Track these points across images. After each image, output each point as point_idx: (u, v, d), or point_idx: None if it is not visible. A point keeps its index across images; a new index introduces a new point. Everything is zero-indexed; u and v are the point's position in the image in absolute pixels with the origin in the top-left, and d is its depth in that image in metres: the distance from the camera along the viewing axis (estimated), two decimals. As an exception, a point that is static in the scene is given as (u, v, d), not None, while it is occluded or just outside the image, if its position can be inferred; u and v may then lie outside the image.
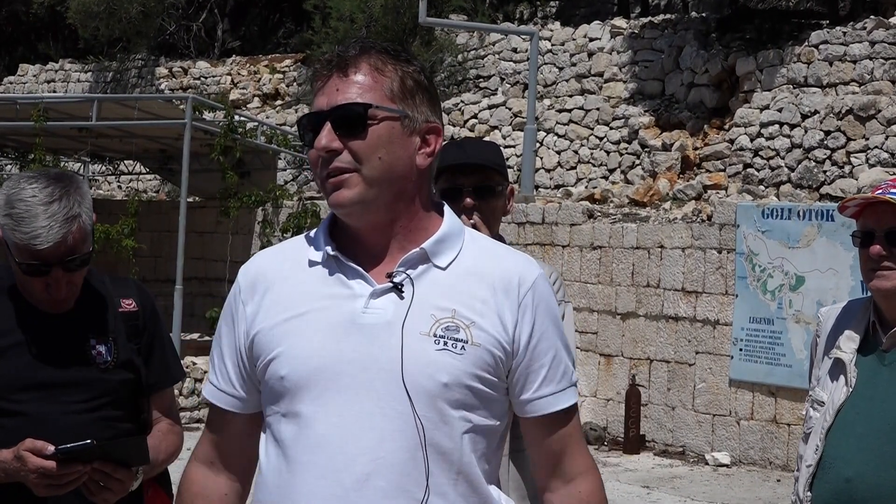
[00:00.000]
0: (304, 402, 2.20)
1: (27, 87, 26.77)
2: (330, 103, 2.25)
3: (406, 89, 2.27)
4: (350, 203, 2.23)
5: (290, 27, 29.12)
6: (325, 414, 2.18)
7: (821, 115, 14.71)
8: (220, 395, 2.38)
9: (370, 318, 2.21)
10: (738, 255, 11.77)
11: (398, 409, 2.16)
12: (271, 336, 2.26)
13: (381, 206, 2.25)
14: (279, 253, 2.39)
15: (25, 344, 3.11)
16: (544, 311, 2.30)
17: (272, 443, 2.27)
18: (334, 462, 2.16)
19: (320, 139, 2.23)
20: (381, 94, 2.24)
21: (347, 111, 2.23)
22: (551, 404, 2.29)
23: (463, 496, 2.20)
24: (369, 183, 2.22)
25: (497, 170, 3.56)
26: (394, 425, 2.16)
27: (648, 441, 12.41)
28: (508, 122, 19.01)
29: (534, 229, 13.58)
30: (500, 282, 2.27)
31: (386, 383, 2.17)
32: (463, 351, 2.19)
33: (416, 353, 2.18)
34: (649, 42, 18.38)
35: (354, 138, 2.22)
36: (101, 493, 3.00)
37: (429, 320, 2.20)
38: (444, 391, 2.17)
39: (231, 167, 16.42)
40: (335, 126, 2.23)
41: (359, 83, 2.25)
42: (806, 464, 3.29)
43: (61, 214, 3.00)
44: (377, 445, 2.15)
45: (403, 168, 2.25)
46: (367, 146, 2.22)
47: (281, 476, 2.21)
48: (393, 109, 2.24)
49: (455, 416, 2.19)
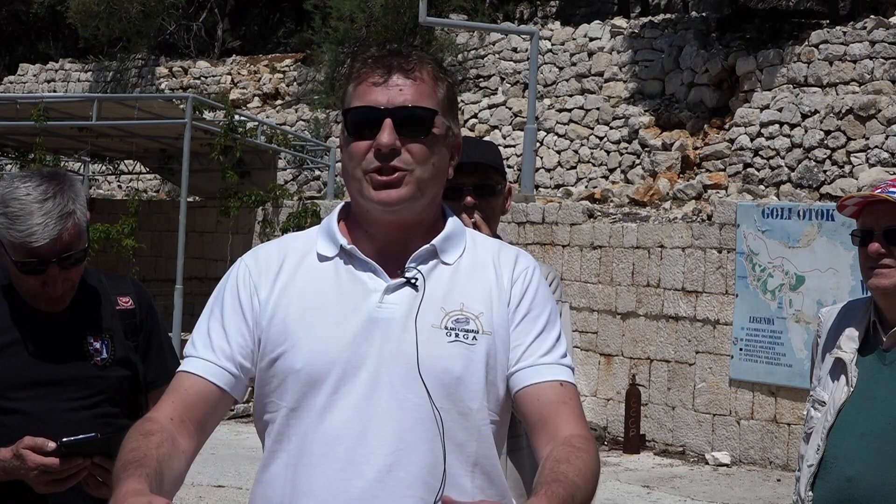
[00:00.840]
0: (320, 395, 2.20)
1: (27, 86, 26.78)
2: (392, 102, 2.24)
3: (450, 102, 2.33)
4: (400, 201, 2.25)
5: (290, 27, 29.14)
6: (342, 408, 2.19)
7: (821, 114, 14.71)
8: (211, 367, 2.26)
9: (385, 312, 2.23)
10: (739, 255, 11.76)
11: (415, 401, 2.17)
12: (284, 328, 2.25)
13: (421, 206, 2.29)
14: (288, 245, 2.38)
15: (22, 342, 3.12)
16: (534, 291, 2.33)
17: (281, 438, 2.25)
18: (354, 454, 2.16)
19: (382, 136, 2.22)
20: (438, 103, 2.28)
21: (415, 114, 2.24)
22: (537, 374, 2.26)
23: (480, 489, 2.21)
24: (420, 186, 2.25)
25: (496, 169, 3.58)
26: (412, 417, 2.17)
27: (648, 441, 12.41)
28: (509, 122, 19.02)
29: (534, 229, 13.57)
30: (500, 261, 2.35)
31: (402, 376, 2.18)
32: (475, 341, 2.23)
33: (430, 346, 2.20)
34: (649, 42, 18.39)
35: (416, 141, 2.24)
36: (100, 487, 3.00)
37: (439, 313, 2.23)
38: (458, 383, 2.20)
39: (231, 167, 16.44)
40: (397, 125, 2.24)
41: (424, 88, 2.27)
42: (807, 463, 3.29)
43: (56, 211, 3.01)
44: (397, 437, 2.16)
45: (444, 176, 2.33)
46: (427, 151, 2.25)
47: (295, 471, 2.20)
48: (447, 121, 2.30)
49: (471, 408, 2.21)
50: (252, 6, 29.50)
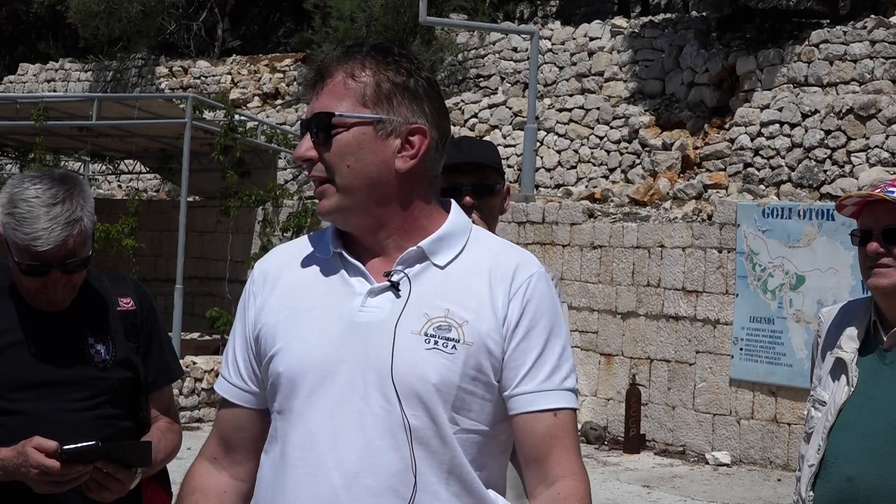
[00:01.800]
0: (298, 398, 2.20)
1: (27, 86, 26.78)
2: (309, 111, 2.26)
3: (381, 93, 2.23)
4: (328, 212, 2.25)
5: (290, 26, 29.13)
6: (317, 411, 2.18)
7: (821, 114, 14.71)
8: (232, 388, 2.37)
9: (366, 316, 2.20)
10: (739, 255, 11.76)
11: (386, 407, 2.15)
12: (274, 332, 2.26)
13: (361, 211, 2.24)
14: (291, 249, 2.39)
15: (24, 343, 3.10)
16: (536, 307, 2.25)
17: (271, 440, 2.28)
18: (324, 460, 2.15)
19: (299, 147, 2.26)
20: (352, 101, 2.23)
21: (317, 120, 2.23)
22: (530, 403, 2.22)
23: (456, 496, 2.17)
24: (343, 192, 2.23)
25: (495, 168, 3.59)
26: (382, 424, 2.14)
27: (649, 440, 12.41)
28: (509, 122, 19.01)
29: (534, 229, 13.57)
30: (497, 272, 2.25)
31: (375, 382, 2.16)
32: (454, 350, 2.17)
33: (406, 353, 2.16)
34: (650, 41, 18.39)
35: (324, 147, 2.23)
36: (100, 491, 2.99)
37: (421, 319, 2.19)
38: (433, 391, 2.15)
39: (231, 166, 16.42)
40: (313, 135, 2.24)
41: (331, 91, 2.24)
42: (808, 463, 3.28)
43: (63, 217, 2.98)
44: (365, 444, 2.14)
45: (378, 173, 2.23)
46: (334, 155, 2.22)
47: (275, 473, 2.22)
48: (362, 116, 2.22)
49: (444, 417, 2.16)
50: (252, 6, 29.48)
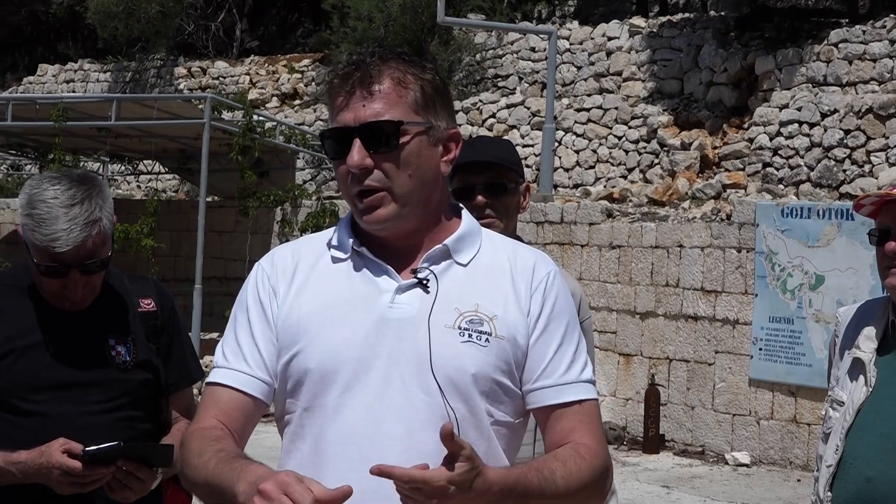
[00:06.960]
0: (332, 394, 2.21)
1: (46, 87, 26.87)
2: (358, 119, 2.23)
3: (428, 99, 2.27)
4: (384, 221, 2.25)
5: (308, 27, 29.18)
6: (355, 406, 2.19)
7: (840, 113, 14.65)
8: (246, 378, 2.30)
9: (397, 312, 2.23)
10: (758, 255, 11.73)
11: (426, 400, 2.18)
12: (296, 329, 2.27)
13: (412, 217, 2.28)
14: (303, 247, 2.39)
15: (44, 344, 3.09)
16: (553, 301, 2.31)
17: (295, 437, 2.28)
18: (366, 452, 2.15)
19: (352, 156, 2.22)
20: (406, 108, 2.24)
21: (378, 128, 2.22)
22: (555, 396, 2.28)
23: None
24: (401, 201, 2.24)
25: (509, 166, 3.53)
26: (423, 416, 2.17)
27: (668, 440, 12.38)
28: (527, 122, 18.99)
29: (552, 228, 13.56)
30: (517, 269, 2.32)
31: (415, 376, 2.19)
32: (487, 343, 2.22)
33: (443, 346, 2.20)
34: (668, 41, 18.35)
35: (386, 155, 2.22)
36: (122, 490, 2.99)
37: (453, 314, 2.23)
38: (471, 382, 2.20)
39: (250, 167, 16.46)
40: (365, 143, 2.22)
41: (385, 98, 2.23)
42: (826, 464, 3.28)
43: (82, 218, 2.96)
44: (408, 436, 2.16)
45: (431, 178, 2.28)
46: (396, 164, 2.23)
47: (308, 469, 2.19)
48: (420, 123, 2.25)
49: (482, 408, 2.21)
50: (270, 6, 29.54)
